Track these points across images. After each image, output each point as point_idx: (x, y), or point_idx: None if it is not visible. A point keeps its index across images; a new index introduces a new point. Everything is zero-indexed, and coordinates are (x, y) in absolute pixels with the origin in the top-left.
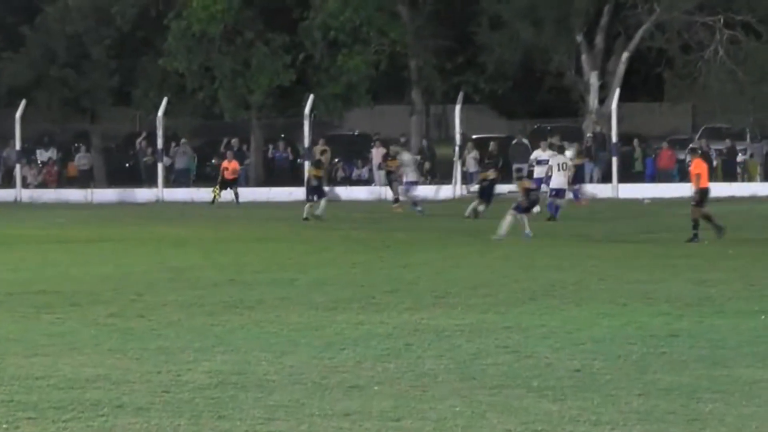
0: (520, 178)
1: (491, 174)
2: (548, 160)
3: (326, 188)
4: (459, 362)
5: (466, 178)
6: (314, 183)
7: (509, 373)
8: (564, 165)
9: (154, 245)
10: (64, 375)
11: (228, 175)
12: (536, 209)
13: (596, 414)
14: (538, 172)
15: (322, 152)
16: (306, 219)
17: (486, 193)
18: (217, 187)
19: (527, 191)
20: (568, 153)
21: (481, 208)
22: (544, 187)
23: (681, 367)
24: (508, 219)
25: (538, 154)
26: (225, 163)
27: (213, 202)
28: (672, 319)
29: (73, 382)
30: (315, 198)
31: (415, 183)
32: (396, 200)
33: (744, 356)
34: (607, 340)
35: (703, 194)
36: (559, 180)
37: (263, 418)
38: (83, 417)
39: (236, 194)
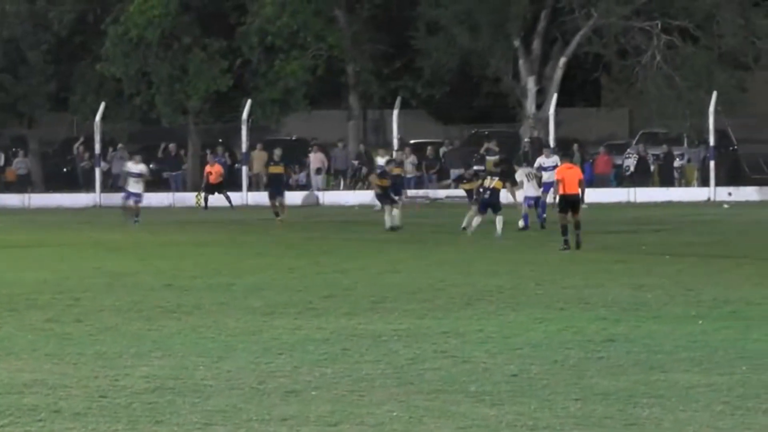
0: (470, 180)
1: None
2: (555, 166)
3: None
4: (396, 367)
5: (405, 184)
6: (378, 191)
7: (447, 378)
8: (531, 174)
9: (91, 250)
10: (1, 380)
11: (213, 180)
12: (521, 223)
13: (533, 419)
14: (546, 177)
15: (388, 161)
16: (394, 228)
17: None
18: (200, 193)
19: (478, 191)
20: (490, 159)
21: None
22: (549, 197)
23: (618, 371)
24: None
25: (541, 160)
26: (208, 168)
27: (205, 207)
28: (609, 324)
29: (10, 387)
30: (386, 205)
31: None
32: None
33: (680, 361)
34: (544, 345)
35: (565, 201)
36: (531, 189)
37: (201, 423)
38: (20, 422)
39: (227, 198)
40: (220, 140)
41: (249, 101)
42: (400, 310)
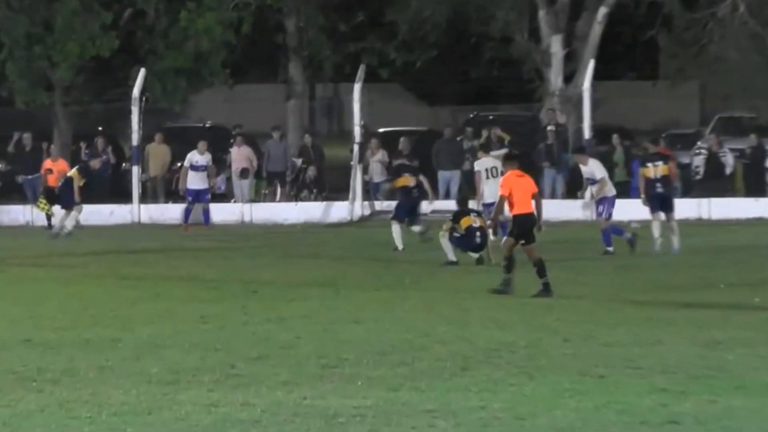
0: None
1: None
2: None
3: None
4: None
5: (370, 192)
6: (415, 194)
7: None
8: (495, 170)
9: None
10: None
11: (53, 181)
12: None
13: None
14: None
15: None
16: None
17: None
18: (43, 200)
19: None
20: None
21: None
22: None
23: None
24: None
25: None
26: (48, 163)
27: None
28: (670, 399)
29: None
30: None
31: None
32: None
33: None
34: (576, 429)
35: (518, 225)
36: (492, 191)
37: None
38: None
39: (49, 216)
40: (101, 128)
41: (142, 71)
42: (364, 377)
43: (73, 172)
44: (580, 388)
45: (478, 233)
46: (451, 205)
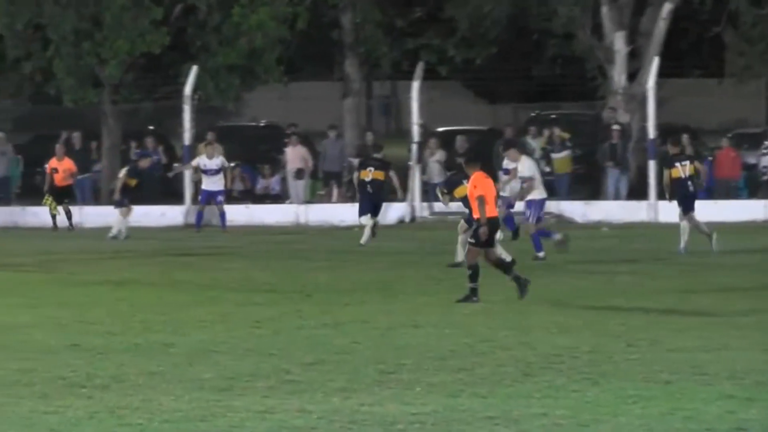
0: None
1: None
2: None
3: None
4: None
5: (429, 192)
6: (369, 190)
7: None
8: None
9: None
10: None
11: (59, 180)
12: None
13: None
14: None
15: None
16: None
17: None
18: (49, 197)
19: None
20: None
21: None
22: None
23: None
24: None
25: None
26: (54, 162)
27: (71, 225)
28: (737, 405)
29: None
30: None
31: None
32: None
33: None
34: None
35: (491, 227)
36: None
37: None
38: None
39: (68, 214)
40: (151, 127)
41: (195, 69)
42: (423, 383)
43: (122, 173)
44: (645, 395)
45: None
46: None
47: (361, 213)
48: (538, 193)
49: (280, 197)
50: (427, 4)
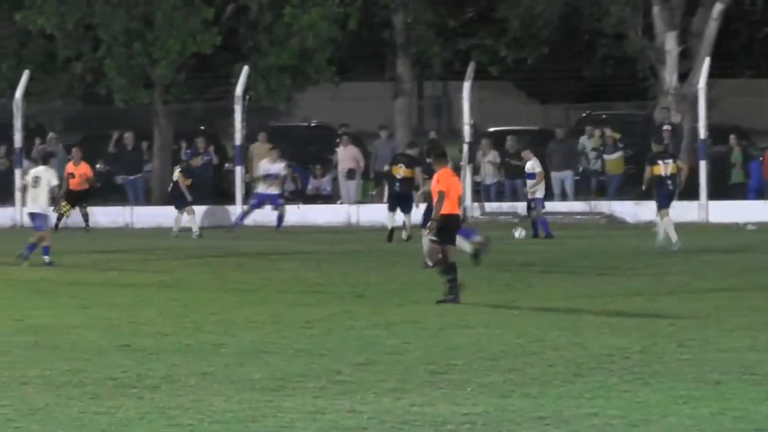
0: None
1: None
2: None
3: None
4: None
5: (481, 193)
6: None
7: None
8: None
9: (8, 293)
10: None
11: (74, 185)
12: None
13: None
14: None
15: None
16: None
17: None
18: (62, 202)
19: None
20: (534, 164)
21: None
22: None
23: None
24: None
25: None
26: (70, 167)
27: (86, 226)
28: None
29: None
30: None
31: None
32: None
33: None
34: None
35: (446, 225)
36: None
37: None
38: None
39: (85, 216)
40: (203, 128)
41: (246, 69)
42: (474, 384)
43: (177, 174)
44: (696, 395)
45: None
46: (564, 206)
47: (390, 209)
48: (540, 191)
49: (331, 197)
50: (478, 4)
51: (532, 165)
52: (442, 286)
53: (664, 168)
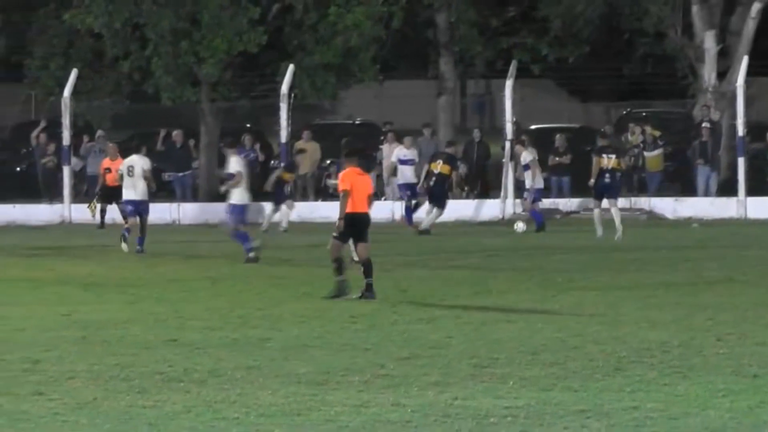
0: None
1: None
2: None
3: None
4: None
5: (521, 189)
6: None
7: None
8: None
9: (56, 288)
10: None
11: (110, 181)
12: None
13: None
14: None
15: (299, 151)
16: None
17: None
18: (95, 201)
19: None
20: (526, 155)
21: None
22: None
23: None
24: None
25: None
26: (107, 162)
27: (101, 224)
28: None
29: None
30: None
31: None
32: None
33: None
34: (729, 429)
35: (352, 223)
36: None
37: None
38: None
39: (123, 212)
40: (249, 125)
41: (291, 68)
42: (516, 377)
43: (279, 172)
44: (734, 388)
45: None
46: (605, 202)
47: (429, 202)
48: (538, 181)
49: (375, 194)
50: (520, 3)
51: (524, 157)
52: (480, 281)
53: (606, 161)
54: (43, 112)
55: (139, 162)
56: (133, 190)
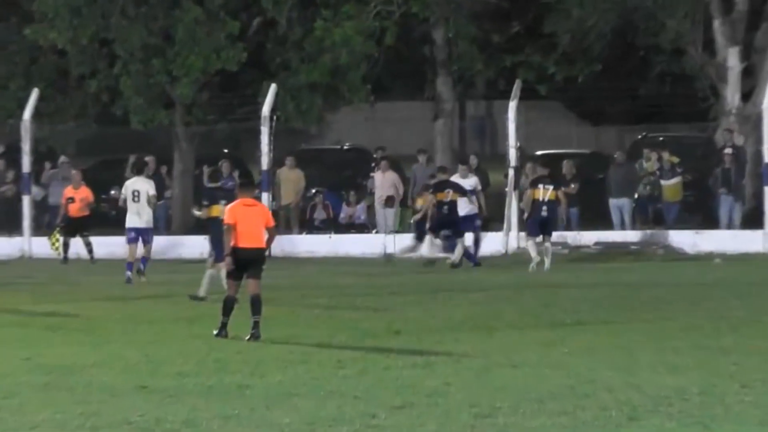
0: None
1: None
2: (473, 190)
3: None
4: None
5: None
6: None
7: None
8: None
9: (16, 330)
10: None
11: (74, 211)
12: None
13: None
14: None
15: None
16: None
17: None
18: (56, 233)
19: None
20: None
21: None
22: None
23: None
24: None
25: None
26: (69, 190)
27: (65, 258)
28: None
29: None
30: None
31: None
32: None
33: None
34: None
35: (241, 259)
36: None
37: None
38: None
39: (88, 246)
40: (226, 150)
41: (273, 87)
42: (521, 428)
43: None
44: None
45: None
46: (619, 235)
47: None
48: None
49: (365, 227)
50: (525, 18)
51: (473, 183)
52: (482, 321)
53: (543, 192)
54: (1, 136)
55: (144, 186)
56: (138, 216)
